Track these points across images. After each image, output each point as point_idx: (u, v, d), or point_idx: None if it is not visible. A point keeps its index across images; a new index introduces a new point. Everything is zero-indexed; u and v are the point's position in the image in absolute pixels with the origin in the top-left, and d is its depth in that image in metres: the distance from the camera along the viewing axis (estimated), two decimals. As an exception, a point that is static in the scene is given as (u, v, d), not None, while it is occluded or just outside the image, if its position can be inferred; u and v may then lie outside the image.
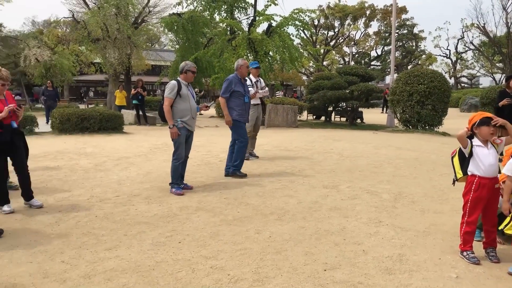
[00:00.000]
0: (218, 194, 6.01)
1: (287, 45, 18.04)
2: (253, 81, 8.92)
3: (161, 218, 4.95)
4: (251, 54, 18.61)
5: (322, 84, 19.39)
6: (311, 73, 51.79)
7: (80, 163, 8.37)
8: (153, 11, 25.79)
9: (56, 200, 5.72)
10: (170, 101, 6.06)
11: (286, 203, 5.56)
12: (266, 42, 17.64)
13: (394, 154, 9.82)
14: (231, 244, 4.12)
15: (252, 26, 18.34)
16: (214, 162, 8.64)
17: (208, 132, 15.14)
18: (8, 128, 5.03)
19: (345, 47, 57.36)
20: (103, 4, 21.39)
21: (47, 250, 3.97)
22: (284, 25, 18.49)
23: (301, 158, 9.22)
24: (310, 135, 14.37)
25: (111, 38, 21.41)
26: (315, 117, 22.91)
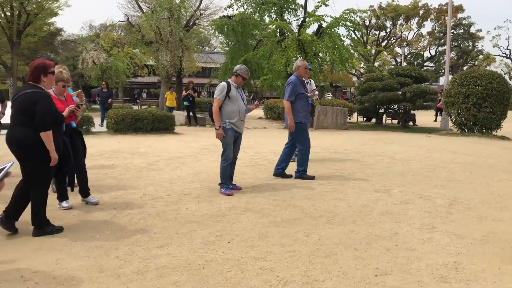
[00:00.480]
0: (266, 196, 6.02)
1: (338, 46, 17.80)
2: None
3: (210, 217, 5.02)
4: (300, 55, 18.50)
5: (373, 86, 19.00)
6: (361, 74, 50.90)
7: (134, 162, 8.64)
8: (204, 14, 26.29)
9: (111, 197, 5.93)
10: (219, 103, 6.13)
11: (335, 206, 5.49)
12: (316, 43, 17.50)
13: (449, 158, 9.47)
14: (280, 246, 4.11)
15: (302, 27, 18.25)
16: (262, 164, 8.67)
17: (256, 133, 15.21)
18: (67, 127, 5.27)
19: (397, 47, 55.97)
20: (157, 7, 22.01)
21: (103, 245, 4.12)
22: (335, 25, 18.27)
23: (351, 161, 9.07)
24: (361, 138, 14.12)
25: (163, 41, 21.99)
26: (366, 119, 22.49)
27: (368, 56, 46.17)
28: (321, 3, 18.37)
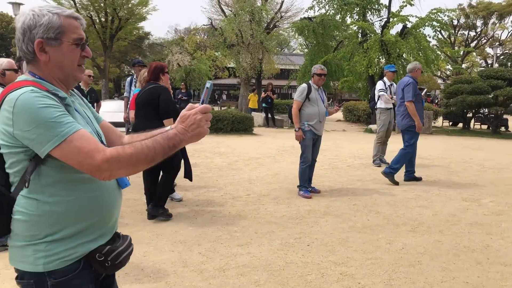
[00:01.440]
0: (346, 200, 5.91)
1: (423, 47, 17.06)
2: (387, 85, 8.64)
3: (289, 219, 5.02)
4: (383, 56, 17.98)
5: (461, 88, 17.93)
6: (447, 76, 48.30)
7: (215, 162, 8.89)
8: (284, 16, 26.43)
9: (194, 195, 6.15)
10: (298, 104, 6.12)
11: (420, 214, 5.25)
12: (400, 44, 16.90)
13: (548, 168, 8.69)
14: (361, 252, 4.01)
15: (386, 28, 17.71)
16: (341, 167, 8.52)
17: (335, 136, 14.98)
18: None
19: (488, 48, 52.38)
20: (239, 11, 22.48)
21: (186, 241, 4.28)
22: (420, 26, 17.52)
23: (436, 167, 8.63)
24: (446, 143, 13.41)
25: (244, 44, 22.41)
26: (451, 124, 21.30)
27: (455, 57, 43.70)
28: (406, 3, 17.73)
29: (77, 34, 1.50)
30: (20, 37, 1.47)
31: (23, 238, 1.45)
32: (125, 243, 1.62)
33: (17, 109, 1.35)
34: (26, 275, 1.47)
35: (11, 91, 1.39)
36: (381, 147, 8.82)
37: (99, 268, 1.54)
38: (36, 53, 1.45)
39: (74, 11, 1.53)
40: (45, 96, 1.38)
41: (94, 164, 1.35)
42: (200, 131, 1.46)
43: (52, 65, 1.48)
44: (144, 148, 1.39)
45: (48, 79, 1.49)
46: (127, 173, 1.43)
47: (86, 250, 1.50)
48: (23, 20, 1.46)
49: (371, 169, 8.28)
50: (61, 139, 1.34)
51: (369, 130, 16.96)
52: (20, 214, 1.44)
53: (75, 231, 1.47)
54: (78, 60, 1.52)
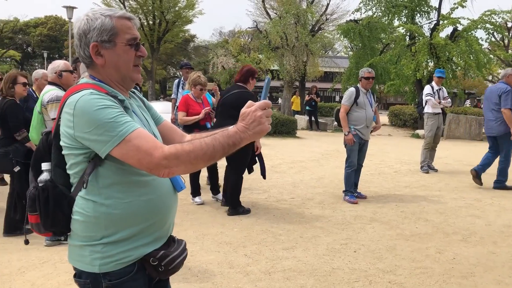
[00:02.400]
0: (393, 207, 5.77)
1: (474, 50, 16.44)
2: (435, 89, 8.38)
3: (335, 224, 4.96)
4: (431, 60, 17.47)
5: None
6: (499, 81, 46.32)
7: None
8: (330, 19, 26.22)
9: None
10: (346, 108, 6.04)
11: (472, 224, 5.05)
12: (450, 47, 16.36)
13: None
14: (410, 260, 3.90)
15: (435, 31, 17.20)
16: (388, 173, 8.34)
17: (380, 140, 14.67)
18: (203, 128, 5.63)
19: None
20: (284, 14, 22.48)
21: (232, 242, 4.30)
22: (472, 28, 16.90)
23: (488, 176, 8.26)
24: (498, 150, 12.84)
25: (289, 46, 22.38)
26: (504, 130, 20.39)
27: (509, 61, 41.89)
28: (458, 5, 17.15)
29: (130, 34, 1.50)
30: (77, 43, 1.50)
31: (81, 238, 1.48)
32: (180, 248, 1.62)
33: (77, 111, 1.38)
34: (83, 274, 1.50)
35: (72, 94, 1.43)
36: (429, 153, 8.56)
37: (152, 272, 1.55)
38: (92, 57, 1.48)
39: (126, 12, 1.54)
40: (104, 98, 1.41)
41: (153, 162, 1.36)
42: (261, 128, 1.42)
43: (109, 67, 1.50)
44: (203, 146, 1.38)
45: (107, 81, 1.52)
46: (186, 170, 1.41)
47: (140, 254, 1.51)
48: (79, 26, 1.49)
49: (419, 176, 8.05)
50: (120, 139, 1.36)
51: (416, 135, 16.52)
52: (78, 215, 1.47)
53: (130, 234, 1.48)
54: (133, 61, 1.53)
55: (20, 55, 59.48)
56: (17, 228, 4.46)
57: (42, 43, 59.45)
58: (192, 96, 5.77)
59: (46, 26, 61.53)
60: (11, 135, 4.35)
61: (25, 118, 4.49)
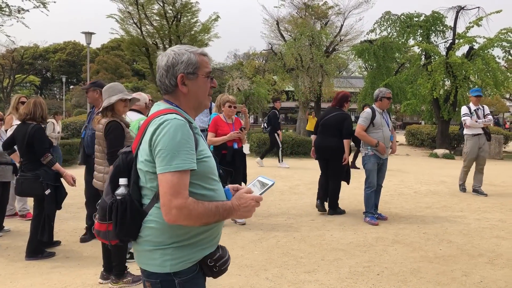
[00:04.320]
0: (415, 228, 5.68)
1: (491, 68, 16.33)
2: (472, 109, 8.20)
3: (357, 246, 4.89)
4: (448, 79, 17.38)
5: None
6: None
7: (276, 185, 8.87)
8: (344, 40, 26.34)
9: (257, 218, 6.16)
10: (363, 127, 6.03)
11: (497, 245, 4.94)
12: (466, 66, 16.27)
13: None
14: (435, 283, 3.82)
15: (451, 50, 17.17)
16: (408, 193, 8.23)
17: (398, 161, 14.54)
18: (229, 149, 5.68)
19: None
20: (298, 36, 22.68)
21: (252, 265, 4.27)
22: (489, 47, 16.82)
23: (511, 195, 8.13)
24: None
25: (304, 67, 22.51)
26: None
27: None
28: (473, 24, 17.11)
29: (208, 68, 1.79)
30: (163, 73, 1.74)
31: (153, 243, 1.68)
32: (227, 253, 1.84)
33: (160, 131, 1.60)
34: (153, 275, 1.70)
35: (158, 116, 1.66)
36: (467, 175, 8.37)
37: (208, 272, 1.76)
38: (178, 85, 1.73)
39: (204, 49, 1.81)
40: (185, 126, 1.63)
41: (169, 204, 1.56)
42: (247, 214, 1.76)
43: (190, 95, 1.76)
44: (209, 213, 1.62)
45: (183, 107, 1.76)
46: (187, 224, 1.62)
47: (202, 255, 1.72)
48: (167, 59, 1.73)
49: (439, 196, 7.93)
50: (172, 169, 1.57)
51: (434, 155, 16.34)
52: (152, 223, 1.67)
53: (196, 239, 1.70)
54: (208, 91, 1.82)
55: (40, 80, 60.94)
56: (39, 252, 4.51)
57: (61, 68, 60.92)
58: (222, 117, 5.86)
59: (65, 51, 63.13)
60: (37, 159, 4.43)
61: (49, 143, 4.58)
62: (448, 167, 12.39)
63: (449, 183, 9.42)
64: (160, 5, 26.24)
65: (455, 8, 18.68)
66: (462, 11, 18.56)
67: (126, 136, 3.75)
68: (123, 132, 3.75)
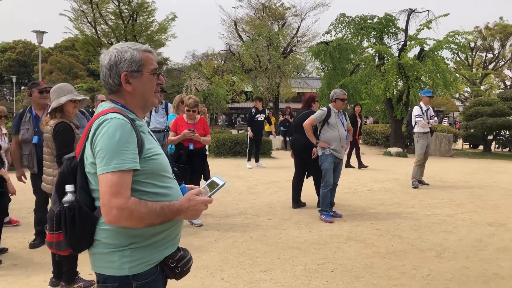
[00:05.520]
0: (369, 225, 5.84)
1: (441, 69, 16.99)
2: (423, 109, 8.68)
3: (312, 244, 4.97)
4: (401, 79, 17.93)
5: (480, 111, 17.77)
6: (465, 99, 47.86)
7: (234, 185, 8.89)
8: (301, 41, 26.70)
9: (214, 219, 6.14)
10: (312, 121, 6.19)
11: (445, 239, 5.15)
12: (418, 67, 16.85)
13: None
14: (386, 278, 3.94)
15: (403, 51, 17.72)
16: (362, 191, 8.44)
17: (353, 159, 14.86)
18: (185, 149, 5.65)
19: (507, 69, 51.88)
20: (256, 37, 22.79)
21: (208, 266, 4.26)
22: (438, 48, 17.48)
23: (459, 191, 8.50)
24: (468, 166, 13.21)
25: (262, 68, 22.65)
26: (472, 146, 21.00)
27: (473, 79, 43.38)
28: (423, 26, 17.75)
29: (153, 65, 1.74)
30: (107, 72, 1.69)
31: (109, 246, 1.62)
32: (189, 253, 1.82)
33: (99, 131, 1.56)
34: (110, 279, 1.63)
35: (100, 116, 1.61)
36: (420, 169, 8.84)
37: (170, 274, 1.73)
38: (122, 84, 1.68)
39: (148, 46, 1.77)
40: (125, 125, 1.58)
41: (108, 204, 1.51)
42: (195, 215, 1.72)
43: (135, 94, 1.71)
44: (152, 212, 1.57)
45: (129, 106, 1.71)
46: (128, 225, 1.57)
47: (162, 256, 1.69)
48: (109, 58, 1.68)
49: (392, 193, 8.18)
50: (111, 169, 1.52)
51: (388, 153, 16.82)
52: (107, 225, 1.59)
53: (155, 239, 1.66)
54: (155, 88, 1.77)
55: (-12, 80, 58.26)
56: None
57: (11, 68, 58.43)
58: (185, 117, 5.82)
59: (15, 50, 60.59)
60: None
61: None
62: (401, 165, 12.79)
63: (402, 180, 9.74)
64: (115, 4, 25.63)
65: (406, 11, 19.29)
66: (413, 14, 19.19)
67: (75, 138, 3.65)
68: (72, 133, 3.65)
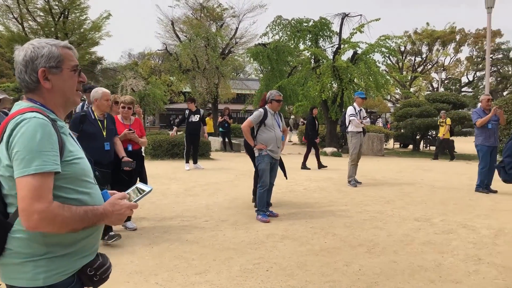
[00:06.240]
0: (304, 223, 5.96)
1: (373, 72, 17.73)
2: (357, 110, 9.08)
3: (248, 244, 5.00)
4: (335, 81, 18.51)
5: (409, 112, 18.74)
6: (396, 100, 50.24)
7: (171, 188, 8.75)
8: (239, 42, 26.81)
9: (149, 223, 6.01)
10: (249, 123, 6.25)
11: (375, 235, 5.37)
12: (351, 70, 17.48)
13: (492, 187, 9.12)
14: (319, 275, 4.04)
15: (337, 54, 18.31)
16: (298, 190, 8.61)
17: (291, 159, 15.14)
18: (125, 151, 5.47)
19: (434, 73, 55.10)
20: (194, 37, 22.60)
21: (142, 271, 4.16)
22: (370, 52, 18.24)
23: (389, 188, 8.89)
24: (398, 165, 13.86)
25: (200, 69, 22.50)
26: (402, 146, 22.10)
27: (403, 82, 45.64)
28: (356, 30, 18.43)
29: (74, 61, 1.69)
30: (22, 69, 1.60)
31: (23, 255, 1.53)
32: (108, 260, 1.76)
33: (17, 131, 1.47)
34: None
35: (17, 115, 1.52)
36: (354, 168, 9.13)
37: (88, 283, 1.66)
38: (40, 81, 1.60)
39: (67, 42, 1.71)
40: (46, 125, 1.49)
41: (29, 209, 1.43)
42: (119, 220, 1.68)
43: (55, 91, 1.63)
44: (76, 217, 1.51)
45: (49, 105, 1.63)
46: (49, 231, 1.50)
47: (80, 265, 1.63)
48: (24, 54, 1.60)
49: (326, 192, 8.41)
50: (32, 171, 1.44)
51: (324, 153, 17.28)
52: (20, 233, 1.51)
53: (74, 248, 1.60)
54: (76, 86, 1.70)
55: None
56: None
57: None
58: (120, 118, 5.63)
59: None
60: None
61: None
62: (336, 164, 13.18)
63: (336, 179, 10.05)
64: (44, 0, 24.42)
65: (340, 15, 19.96)
66: (346, 18, 19.87)
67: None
68: None
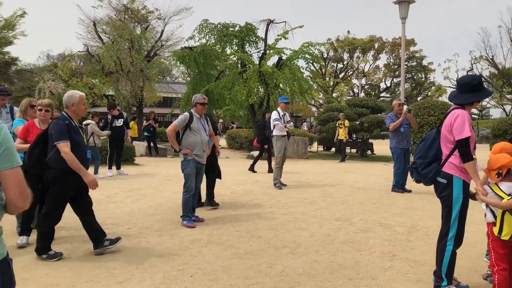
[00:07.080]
0: (229, 227, 5.98)
1: (297, 78, 18.25)
2: (281, 114, 9.32)
3: (172, 251, 4.92)
4: (261, 86, 18.80)
5: (332, 116, 19.47)
6: (320, 105, 52.02)
7: (92, 195, 8.34)
8: (165, 45, 26.38)
9: (67, 232, 5.73)
10: (174, 128, 6.14)
11: (298, 236, 5.51)
12: (277, 75, 17.86)
13: (407, 187, 9.73)
14: (243, 278, 4.07)
15: (263, 59, 18.63)
16: (225, 194, 8.63)
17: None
18: None
19: (354, 79, 57.79)
20: (117, 38, 21.91)
21: (59, 283, 3.94)
22: (294, 58, 18.75)
23: (313, 190, 9.18)
24: (321, 167, 14.34)
25: (124, 71, 21.85)
26: (325, 148, 22.90)
27: (326, 87, 47.40)
28: (281, 37, 18.86)
29: None
30: None
31: None
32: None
33: None
34: None
35: None
36: (280, 171, 9.31)
37: None
38: None
39: None
40: None
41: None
42: None
43: None
44: None
45: None
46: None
47: None
48: None
49: (253, 195, 8.51)
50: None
51: (251, 157, 17.46)
52: None
53: None
54: None
55: None
56: None
57: None
58: (37, 122, 5.29)
59: None
60: None
61: None
62: (263, 167, 13.36)
63: (263, 182, 10.19)
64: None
65: (265, 21, 20.34)
66: (271, 24, 20.29)
67: None
68: None
